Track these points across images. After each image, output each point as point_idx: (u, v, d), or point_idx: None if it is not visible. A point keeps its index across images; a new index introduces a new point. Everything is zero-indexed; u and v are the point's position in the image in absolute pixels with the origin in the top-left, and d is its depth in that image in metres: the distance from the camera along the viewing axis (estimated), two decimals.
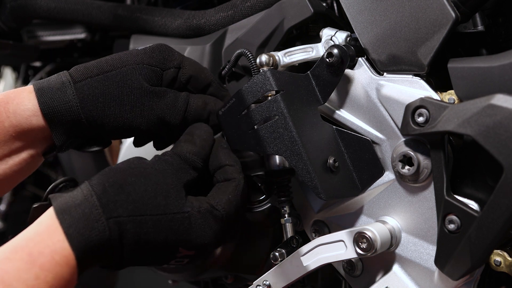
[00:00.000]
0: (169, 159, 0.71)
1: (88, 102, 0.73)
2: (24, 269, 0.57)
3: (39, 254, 0.58)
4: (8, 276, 0.56)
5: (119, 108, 0.74)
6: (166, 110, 0.76)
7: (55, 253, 0.59)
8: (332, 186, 0.71)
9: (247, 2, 0.90)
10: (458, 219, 0.63)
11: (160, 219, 0.66)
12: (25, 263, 0.57)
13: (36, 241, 0.60)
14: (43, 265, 0.58)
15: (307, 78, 0.75)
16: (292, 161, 0.70)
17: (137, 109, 0.74)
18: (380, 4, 0.71)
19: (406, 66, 0.70)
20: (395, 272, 0.73)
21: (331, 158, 0.71)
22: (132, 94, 0.74)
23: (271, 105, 0.71)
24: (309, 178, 0.69)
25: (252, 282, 0.78)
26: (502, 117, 0.58)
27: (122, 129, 0.75)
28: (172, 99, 0.76)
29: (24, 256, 0.58)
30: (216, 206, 0.70)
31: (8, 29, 1.15)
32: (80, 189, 0.65)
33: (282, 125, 0.70)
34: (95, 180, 0.66)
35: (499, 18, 0.75)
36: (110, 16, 1.04)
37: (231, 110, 0.75)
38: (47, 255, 0.58)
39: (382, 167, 0.73)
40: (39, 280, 0.57)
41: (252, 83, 0.73)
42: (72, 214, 0.61)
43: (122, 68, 0.75)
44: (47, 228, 0.61)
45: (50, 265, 0.58)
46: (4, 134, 0.72)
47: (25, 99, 0.73)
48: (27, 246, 0.59)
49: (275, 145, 0.71)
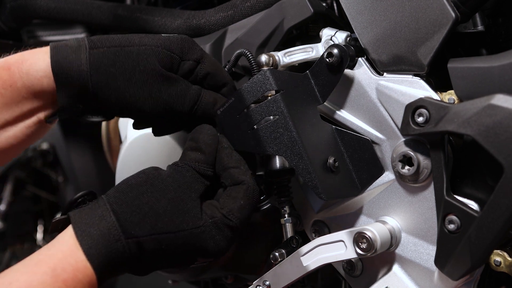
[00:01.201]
0: (183, 171, 0.71)
1: (99, 70, 0.72)
2: (48, 283, 0.59)
3: (62, 271, 0.61)
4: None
5: (127, 83, 0.73)
6: (175, 97, 0.75)
7: (77, 271, 0.61)
8: (332, 186, 0.71)
9: (247, 2, 0.90)
10: (458, 219, 0.63)
11: (177, 235, 0.67)
12: (49, 277, 0.60)
13: (59, 258, 0.62)
14: (66, 280, 0.60)
15: (306, 77, 0.74)
16: (292, 161, 0.70)
17: (146, 89, 0.74)
18: (380, 4, 0.71)
19: (406, 66, 0.70)
20: (395, 272, 0.73)
21: (331, 158, 0.71)
22: (144, 73, 0.73)
23: (271, 104, 0.71)
24: (309, 178, 0.69)
25: (252, 282, 0.78)
26: (502, 117, 0.58)
27: (125, 106, 0.75)
28: (183, 89, 0.76)
29: (48, 271, 0.60)
30: (229, 216, 0.70)
31: (8, 29, 1.15)
32: (98, 206, 0.66)
33: (282, 125, 0.70)
34: (112, 198, 0.67)
35: (499, 18, 0.75)
36: (110, 16, 1.03)
37: (231, 110, 0.75)
38: (69, 272, 0.61)
39: (381, 166, 0.73)
40: None
41: (252, 82, 0.73)
42: (91, 235, 0.63)
43: (141, 46, 0.74)
44: (69, 248, 0.63)
45: (73, 282, 0.61)
46: (17, 95, 0.72)
47: (40, 59, 0.72)
48: (51, 261, 0.61)
49: (275, 145, 0.71)
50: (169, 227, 0.67)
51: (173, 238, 0.67)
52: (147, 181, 0.69)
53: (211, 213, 0.70)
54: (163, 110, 0.76)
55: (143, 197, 0.67)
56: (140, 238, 0.65)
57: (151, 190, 0.68)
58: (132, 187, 0.68)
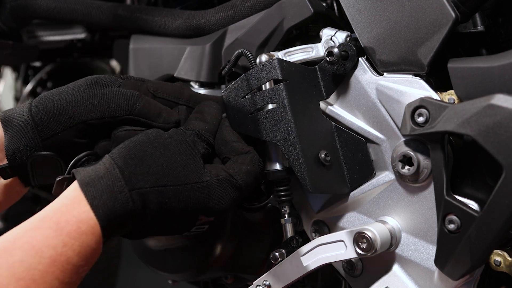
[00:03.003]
0: (186, 133, 0.72)
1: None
2: (52, 236, 0.60)
3: (66, 223, 0.61)
4: (37, 243, 0.59)
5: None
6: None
7: (81, 222, 0.61)
8: (321, 180, 0.72)
9: (247, 2, 0.90)
10: (458, 219, 0.63)
11: (180, 189, 0.68)
12: (53, 231, 0.60)
13: (62, 211, 0.62)
14: (70, 233, 0.61)
15: (314, 71, 0.76)
16: (286, 149, 0.72)
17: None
18: (380, 4, 0.71)
19: (406, 66, 0.70)
20: (395, 272, 0.73)
21: (323, 152, 0.72)
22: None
23: (273, 92, 0.73)
24: (299, 168, 0.71)
25: (252, 282, 0.78)
26: (502, 117, 0.58)
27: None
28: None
29: (52, 225, 0.61)
30: (235, 176, 0.71)
31: (8, 29, 1.15)
32: (102, 163, 0.66)
33: (281, 113, 0.72)
34: (116, 154, 0.67)
35: (499, 18, 0.75)
36: (110, 16, 1.03)
37: (235, 92, 0.76)
38: (73, 224, 0.61)
39: (373, 168, 0.74)
40: (66, 247, 0.60)
41: (259, 69, 0.74)
42: (96, 186, 0.63)
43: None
44: (72, 200, 0.63)
45: (77, 234, 0.61)
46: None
47: None
48: (54, 216, 0.62)
49: (271, 132, 0.73)
50: (172, 180, 0.67)
51: (176, 191, 0.67)
52: (150, 138, 0.70)
53: (216, 172, 0.71)
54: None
55: (146, 152, 0.68)
56: (143, 189, 0.65)
57: (154, 145, 0.69)
58: (136, 143, 0.69)
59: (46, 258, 0.59)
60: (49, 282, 0.58)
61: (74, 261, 0.60)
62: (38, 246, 0.59)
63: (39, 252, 0.59)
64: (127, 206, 0.64)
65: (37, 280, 0.58)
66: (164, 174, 0.67)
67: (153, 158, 0.67)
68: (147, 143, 0.69)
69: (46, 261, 0.59)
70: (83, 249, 0.61)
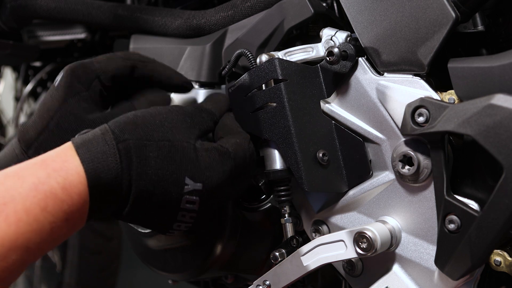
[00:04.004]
0: (186, 107, 0.75)
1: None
2: (38, 168, 0.62)
3: (52, 161, 0.63)
4: (21, 171, 0.61)
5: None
6: None
7: (66, 162, 0.63)
8: (318, 179, 0.73)
9: (247, 2, 0.90)
10: (458, 219, 0.63)
11: (164, 145, 0.68)
12: (39, 166, 0.62)
13: (50, 155, 0.64)
14: (55, 168, 0.62)
15: (315, 70, 0.76)
16: (283, 148, 0.73)
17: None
18: (380, 4, 0.71)
19: (406, 66, 0.70)
20: (395, 272, 0.73)
21: (321, 152, 0.73)
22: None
23: (273, 92, 0.74)
24: (296, 167, 0.72)
25: (252, 282, 0.78)
26: (502, 117, 0.58)
27: None
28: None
29: (38, 161, 0.63)
30: (225, 145, 0.73)
31: (8, 29, 1.15)
32: (98, 128, 0.69)
33: (280, 113, 0.73)
34: (111, 122, 0.70)
35: (499, 18, 0.75)
36: (110, 16, 1.03)
37: (239, 90, 0.78)
38: (59, 162, 0.63)
39: (370, 169, 0.74)
40: (50, 178, 0.61)
41: (259, 68, 0.75)
42: (84, 138, 0.66)
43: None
44: (61, 149, 0.65)
45: (62, 170, 0.62)
46: None
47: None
48: (41, 157, 0.64)
49: (270, 131, 0.74)
50: (157, 136, 0.68)
51: (160, 146, 0.68)
52: (148, 109, 0.73)
53: (207, 143, 0.72)
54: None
55: (139, 115, 0.71)
56: (129, 141, 0.66)
57: (148, 110, 0.72)
58: (133, 113, 0.71)
59: (28, 183, 0.59)
60: (29, 206, 0.58)
61: (57, 192, 0.60)
62: (22, 174, 0.61)
63: (22, 177, 0.60)
64: (114, 157, 0.64)
65: (16, 200, 0.58)
66: (153, 131, 0.69)
67: (143, 118, 0.70)
68: (143, 111, 0.72)
69: (27, 186, 0.59)
70: (67, 185, 0.61)
